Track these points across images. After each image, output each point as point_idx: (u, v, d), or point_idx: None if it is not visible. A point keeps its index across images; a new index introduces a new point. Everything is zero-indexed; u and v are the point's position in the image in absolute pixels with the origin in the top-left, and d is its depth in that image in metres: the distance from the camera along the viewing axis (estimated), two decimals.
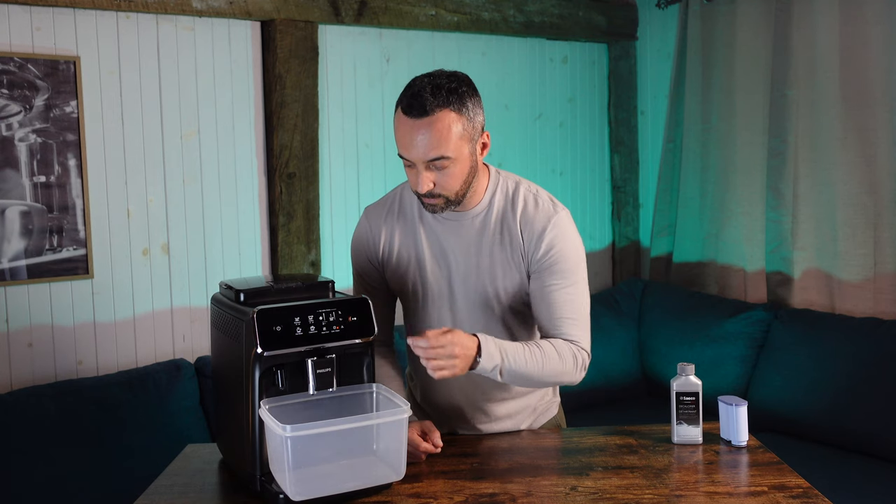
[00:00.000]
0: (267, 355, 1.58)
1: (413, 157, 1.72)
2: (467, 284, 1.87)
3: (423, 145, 1.69)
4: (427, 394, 2.02)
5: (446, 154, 1.70)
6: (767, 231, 3.52)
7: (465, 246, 1.86)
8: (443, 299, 1.89)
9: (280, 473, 1.55)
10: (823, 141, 3.31)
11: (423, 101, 1.68)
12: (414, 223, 1.91)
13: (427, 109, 1.68)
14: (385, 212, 1.96)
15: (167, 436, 2.66)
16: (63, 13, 2.76)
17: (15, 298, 2.73)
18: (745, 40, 3.58)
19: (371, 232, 1.95)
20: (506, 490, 1.63)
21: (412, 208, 1.92)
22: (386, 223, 1.94)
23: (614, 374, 3.60)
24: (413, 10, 3.40)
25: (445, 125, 1.69)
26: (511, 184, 1.89)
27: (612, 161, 4.19)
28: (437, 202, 1.78)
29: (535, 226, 1.82)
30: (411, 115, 1.69)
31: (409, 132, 1.70)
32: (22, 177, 2.71)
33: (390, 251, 1.92)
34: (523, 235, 1.83)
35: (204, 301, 3.09)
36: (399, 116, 1.72)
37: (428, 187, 1.74)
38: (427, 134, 1.68)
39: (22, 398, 2.58)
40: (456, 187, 1.76)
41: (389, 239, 1.92)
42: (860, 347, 2.99)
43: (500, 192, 1.87)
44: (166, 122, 2.99)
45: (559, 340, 1.81)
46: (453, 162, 1.72)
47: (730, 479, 1.69)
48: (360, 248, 1.97)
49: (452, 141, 1.70)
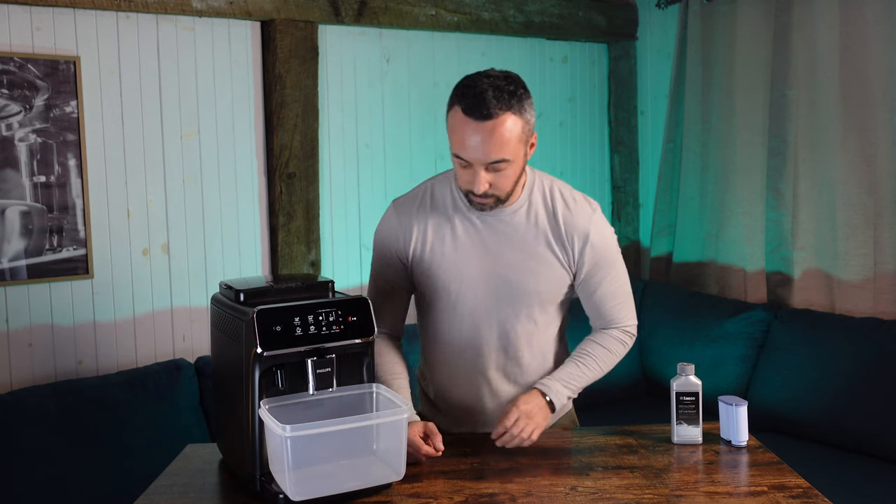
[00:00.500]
0: (267, 355, 1.58)
1: (472, 159, 1.72)
2: (503, 278, 1.88)
3: (485, 148, 1.70)
4: (440, 393, 2.03)
5: (506, 157, 1.72)
6: (767, 231, 3.51)
7: (504, 240, 1.88)
8: (476, 292, 1.89)
9: (280, 473, 1.55)
10: (823, 141, 3.31)
11: (487, 104, 1.68)
12: (448, 218, 1.90)
13: (491, 112, 1.68)
14: (416, 206, 1.93)
15: (167, 436, 2.66)
16: (63, 13, 2.76)
17: (15, 298, 2.73)
18: (745, 40, 3.58)
19: (401, 226, 1.93)
20: (506, 490, 1.63)
21: (444, 202, 1.91)
22: (417, 218, 1.92)
23: (614, 374, 3.53)
24: (413, 10, 3.40)
25: (507, 128, 1.70)
26: (546, 181, 1.92)
27: (612, 161, 4.19)
28: (489, 201, 1.80)
29: (578, 227, 1.87)
30: (473, 117, 1.69)
31: (470, 134, 1.70)
32: (22, 177, 2.71)
33: (423, 246, 1.91)
34: (567, 235, 1.88)
35: (204, 301, 3.09)
36: (458, 116, 1.72)
37: (485, 188, 1.75)
38: (490, 137, 1.69)
39: (22, 398, 2.58)
40: (509, 188, 1.79)
41: (422, 234, 1.91)
42: (860, 347, 2.99)
43: (538, 190, 1.90)
44: (166, 122, 2.99)
45: (605, 335, 1.96)
46: (510, 164, 1.74)
47: (730, 479, 1.69)
48: (386, 242, 1.95)
49: (512, 144, 1.72)
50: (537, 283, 1.88)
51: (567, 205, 1.89)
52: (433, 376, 2.04)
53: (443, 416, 2.04)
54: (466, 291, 1.89)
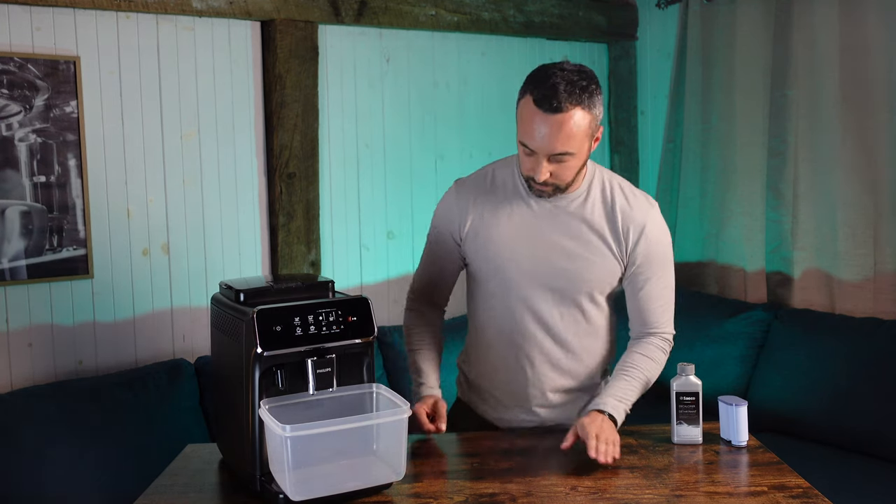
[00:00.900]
0: (267, 355, 1.58)
1: (537, 148, 1.77)
2: (554, 263, 1.90)
3: (551, 140, 1.75)
4: (484, 376, 2.03)
5: (571, 150, 1.77)
6: (767, 231, 3.51)
7: (559, 227, 1.91)
8: (527, 275, 1.91)
9: (280, 473, 1.55)
10: (823, 141, 3.31)
11: (559, 97, 1.72)
12: (507, 199, 1.94)
13: (561, 106, 1.72)
14: (478, 187, 1.98)
15: (167, 436, 2.66)
16: (63, 13, 2.76)
17: (15, 298, 2.73)
18: (745, 40, 3.58)
19: (458, 206, 1.98)
20: (506, 490, 1.63)
21: (505, 185, 1.96)
22: (476, 198, 1.96)
23: None
24: (413, 10, 3.40)
25: (575, 122, 1.74)
26: (606, 175, 1.97)
27: (612, 161, 4.19)
28: (548, 189, 1.85)
29: (635, 220, 1.90)
30: (544, 109, 1.73)
31: (539, 124, 1.74)
32: (22, 177, 2.71)
33: (477, 227, 1.95)
34: (623, 227, 1.90)
35: (204, 301, 3.09)
36: (529, 106, 1.76)
37: (546, 177, 1.80)
38: (558, 130, 1.73)
39: (22, 398, 2.58)
40: (569, 178, 1.84)
41: (479, 215, 1.95)
42: (860, 347, 2.99)
43: (598, 181, 1.94)
44: (166, 122, 2.99)
45: (646, 345, 1.95)
46: (574, 157, 1.79)
47: (730, 479, 1.69)
48: (443, 219, 2.01)
49: (579, 138, 1.76)
50: (588, 272, 1.90)
51: (626, 197, 1.93)
52: (478, 358, 2.04)
53: (482, 400, 2.04)
54: (518, 273, 1.92)
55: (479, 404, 2.05)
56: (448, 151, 3.63)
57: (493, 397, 2.03)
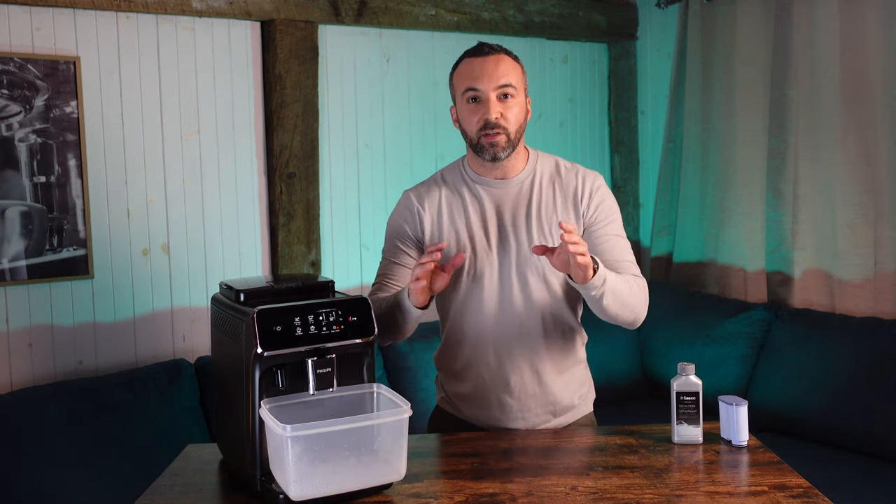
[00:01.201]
0: (267, 355, 1.58)
1: (484, 86, 1.89)
2: (515, 241, 1.95)
3: (494, 72, 1.89)
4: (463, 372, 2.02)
5: (513, 83, 1.91)
6: (767, 231, 3.51)
7: (513, 207, 1.97)
8: (492, 258, 1.95)
9: (280, 473, 1.55)
10: (823, 141, 3.31)
11: (492, 46, 1.94)
12: (459, 193, 2.01)
13: (494, 49, 1.94)
14: (427, 188, 2.05)
15: (167, 436, 2.66)
16: (63, 13, 2.76)
17: (15, 298, 2.73)
18: (745, 40, 3.58)
19: (414, 207, 2.02)
20: (506, 490, 1.63)
21: (455, 181, 2.03)
22: (429, 197, 2.02)
23: (615, 373, 3.60)
24: (413, 10, 3.40)
25: (509, 64, 1.93)
26: (549, 157, 2.06)
27: (612, 161, 4.19)
28: (501, 138, 1.91)
29: (588, 183, 1.99)
30: (480, 55, 1.92)
31: (479, 66, 1.91)
32: (22, 177, 2.71)
33: (439, 220, 1.99)
34: (574, 188, 1.98)
35: (204, 301, 3.09)
36: (465, 61, 1.94)
37: (497, 115, 1.89)
38: (497, 65, 1.91)
39: (22, 398, 2.58)
40: (515, 126, 1.92)
41: (437, 210, 2.00)
42: (860, 347, 2.99)
43: (542, 160, 2.03)
44: (166, 122, 2.99)
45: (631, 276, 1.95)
46: (516, 95, 1.92)
47: (730, 479, 1.69)
48: (400, 223, 2.03)
49: (516, 76, 1.92)
50: (546, 241, 1.94)
51: (575, 167, 2.03)
52: (456, 356, 2.02)
53: (465, 402, 2.03)
54: (483, 258, 1.95)
55: (462, 406, 2.04)
56: (448, 151, 3.63)
57: (474, 395, 2.01)
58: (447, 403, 2.09)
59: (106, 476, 2.54)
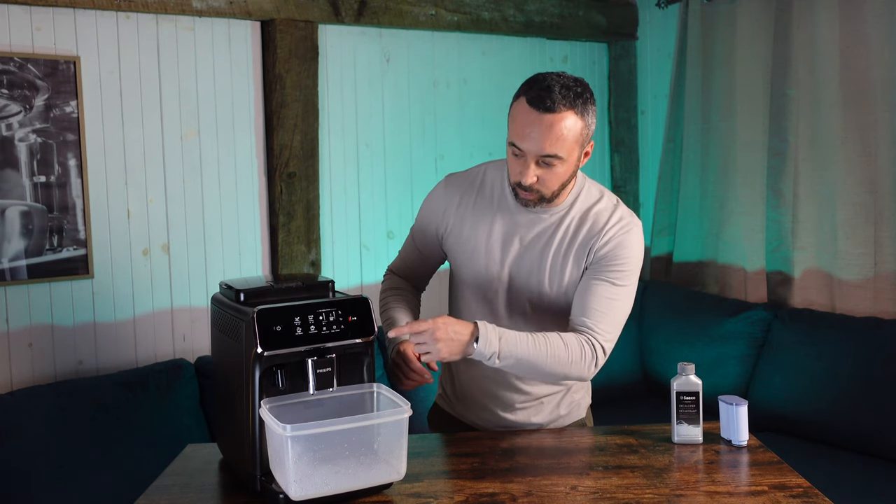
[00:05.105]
0: (267, 355, 1.58)
1: (527, 149, 1.76)
2: (528, 274, 1.90)
3: (541, 140, 1.74)
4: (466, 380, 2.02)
5: (560, 154, 1.75)
6: (767, 231, 3.51)
7: (537, 238, 1.90)
8: (499, 283, 1.92)
9: (280, 473, 1.55)
10: (823, 141, 3.31)
11: (553, 97, 1.72)
12: (491, 205, 1.94)
13: (555, 106, 1.72)
14: (466, 186, 1.98)
15: (167, 436, 2.66)
16: (63, 13, 2.76)
17: (15, 298, 2.73)
18: (745, 40, 3.58)
19: (443, 203, 1.99)
20: (506, 490, 1.63)
21: (493, 191, 1.95)
22: (463, 197, 1.97)
23: (615, 373, 3.60)
24: (413, 9, 3.40)
25: (567, 126, 1.74)
26: (595, 191, 1.94)
27: (612, 161, 4.19)
28: (533, 197, 1.83)
29: (606, 223, 1.86)
30: (537, 108, 1.73)
31: (530, 124, 1.74)
32: (22, 177, 2.71)
33: (460, 225, 1.96)
34: (593, 230, 1.87)
35: (204, 301, 3.09)
36: (522, 106, 1.76)
37: (532, 181, 1.78)
38: (549, 130, 1.73)
39: (22, 398, 2.58)
40: (555, 187, 1.82)
41: (462, 214, 1.96)
42: (860, 347, 2.99)
43: (584, 195, 1.92)
44: (166, 123, 2.99)
45: (570, 333, 1.81)
46: (562, 162, 1.77)
47: (730, 479, 1.69)
48: (429, 212, 2.02)
49: (569, 142, 1.75)
50: (556, 281, 1.88)
51: (607, 209, 1.89)
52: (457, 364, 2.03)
53: (466, 405, 2.04)
54: (494, 274, 1.92)
55: (463, 409, 2.05)
56: (448, 151, 3.63)
57: (476, 401, 2.02)
58: (443, 400, 2.12)
59: (106, 476, 2.54)
